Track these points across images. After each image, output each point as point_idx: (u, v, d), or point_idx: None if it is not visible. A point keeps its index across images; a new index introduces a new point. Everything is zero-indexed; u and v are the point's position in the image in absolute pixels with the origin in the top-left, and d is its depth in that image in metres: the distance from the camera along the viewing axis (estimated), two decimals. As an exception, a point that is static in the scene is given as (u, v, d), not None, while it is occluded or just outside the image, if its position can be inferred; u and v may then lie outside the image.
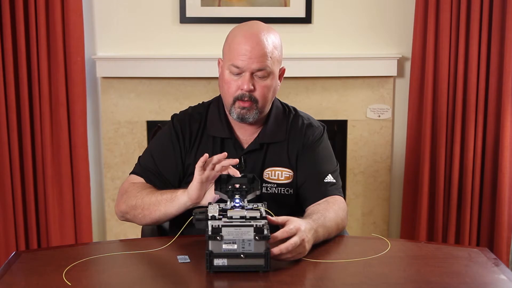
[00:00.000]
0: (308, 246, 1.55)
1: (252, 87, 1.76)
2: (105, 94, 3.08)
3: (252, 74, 1.76)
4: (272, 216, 1.54)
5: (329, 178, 1.85)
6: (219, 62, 1.87)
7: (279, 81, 1.86)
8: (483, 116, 2.98)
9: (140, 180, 1.86)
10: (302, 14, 3.05)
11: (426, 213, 3.07)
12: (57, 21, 2.90)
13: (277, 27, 3.02)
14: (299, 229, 1.52)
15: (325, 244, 1.67)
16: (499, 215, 2.97)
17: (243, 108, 1.77)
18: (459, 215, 3.06)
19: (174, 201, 1.70)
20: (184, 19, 3.04)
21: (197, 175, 1.62)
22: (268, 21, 2.99)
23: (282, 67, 1.87)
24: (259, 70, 1.76)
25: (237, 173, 1.59)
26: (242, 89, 1.76)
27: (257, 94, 1.77)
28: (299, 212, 1.93)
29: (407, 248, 1.74)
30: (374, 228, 3.22)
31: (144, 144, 3.06)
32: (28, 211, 3.02)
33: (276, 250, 1.47)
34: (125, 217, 1.83)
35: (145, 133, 3.10)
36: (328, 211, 1.72)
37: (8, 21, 2.86)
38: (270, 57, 1.77)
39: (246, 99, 1.77)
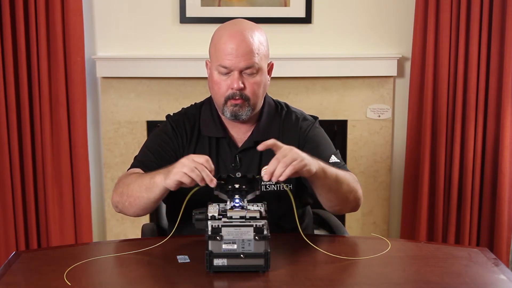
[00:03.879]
0: (297, 151, 1.56)
1: (242, 85, 1.75)
2: (105, 94, 3.08)
3: (240, 72, 1.75)
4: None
5: (333, 159, 1.84)
6: (206, 64, 1.86)
7: (268, 76, 1.85)
8: (483, 116, 2.98)
9: (137, 172, 1.81)
10: (302, 14, 3.06)
11: (426, 213, 3.07)
12: (57, 21, 2.90)
13: (277, 27, 3.06)
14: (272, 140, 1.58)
15: (325, 243, 1.67)
16: (499, 215, 2.97)
17: (236, 105, 1.77)
18: (459, 215, 3.06)
19: (154, 188, 1.63)
20: (184, 19, 3.05)
21: (184, 178, 1.54)
22: (268, 21, 3.05)
23: (270, 62, 1.86)
24: (247, 67, 1.75)
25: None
26: (232, 88, 1.76)
27: (248, 91, 1.77)
28: (299, 207, 1.93)
29: (407, 248, 1.73)
30: (374, 228, 3.22)
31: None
32: (28, 211, 3.02)
33: (265, 176, 1.52)
34: (118, 208, 1.76)
35: (145, 133, 3.10)
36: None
37: (8, 21, 2.86)
38: (257, 53, 1.76)
39: (237, 97, 1.76)
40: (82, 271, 1.50)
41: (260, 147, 1.58)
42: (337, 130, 3.16)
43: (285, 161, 1.52)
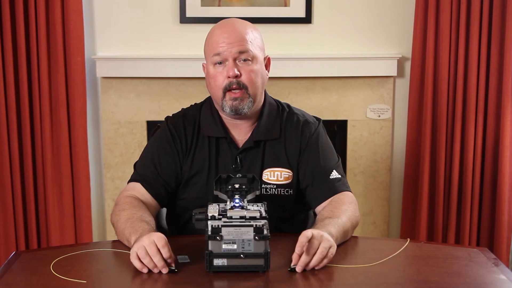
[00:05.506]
0: (327, 237, 1.52)
1: (238, 73, 1.73)
2: (105, 94, 3.08)
3: (235, 60, 1.74)
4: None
5: (334, 174, 1.83)
6: (203, 67, 1.85)
7: (266, 71, 1.83)
8: (483, 116, 2.98)
9: (137, 187, 1.81)
10: (302, 14, 3.06)
11: (426, 213, 3.06)
12: (57, 21, 2.90)
13: (277, 27, 3.06)
14: (304, 233, 1.50)
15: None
16: (499, 215, 2.97)
17: (235, 99, 1.74)
18: (459, 215, 3.06)
19: (129, 244, 1.60)
20: (184, 19, 3.05)
21: (136, 262, 1.49)
22: (268, 21, 3.05)
23: (267, 56, 1.84)
24: (241, 52, 1.73)
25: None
26: (229, 77, 1.73)
27: (245, 79, 1.74)
28: (299, 212, 1.92)
29: (407, 248, 1.73)
30: (374, 228, 3.22)
31: (144, 144, 3.05)
32: (28, 211, 3.02)
33: (298, 268, 1.47)
34: None
35: (145, 133, 3.10)
36: (336, 213, 1.70)
37: (8, 21, 2.86)
38: (250, 42, 1.75)
39: (234, 86, 1.73)
40: (83, 271, 1.50)
41: (300, 247, 1.47)
42: (337, 130, 3.16)
43: (322, 252, 1.49)
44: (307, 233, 1.49)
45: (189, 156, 1.82)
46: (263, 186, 1.80)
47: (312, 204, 1.84)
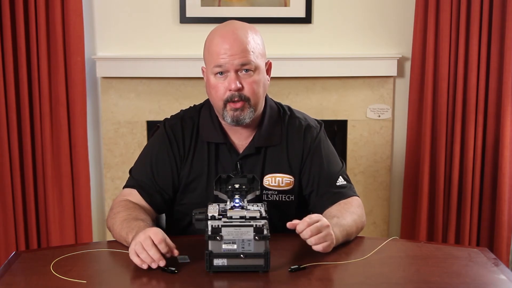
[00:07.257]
0: (333, 235, 1.56)
1: (240, 85, 1.69)
2: (105, 94, 3.08)
3: (237, 72, 1.69)
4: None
5: (341, 181, 1.81)
6: (203, 71, 1.80)
7: (267, 76, 1.79)
8: (483, 116, 2.98)
9: (133, 194, 1.79)
10: (302, 14, 3.06)
11: (426, 213, 3.06)
12: (57, 21, 2.90)
13: (277, 27, 3.07)
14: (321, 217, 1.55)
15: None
16: (499, 215, 2.97)
17: (236, 110, 1.70)
18: (459, 215, 3.06)
19: (127, 244, 1.59)
20: (184, 19, 3.05)
21: (135, 259, 1.49)
22: (268, 21, 3.05)
23: (268, 61, 1.80)
24: (243, 65, 1.69)
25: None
26: (230, 89, 1.69)
27: (247, 91, 1.70)
28: (300, 218, 1.91)
29: (407, 248, 1.74)
30: (374, 228, 3.22)
31: (144, 144, 3.04)
32: (28, 211, 3.02)
33: (300, 226, 1.52)
34: None
35: (145, 133, 3.10)
36: (343, 214, 1.70)
37: (8, 21, 2.86)
38: (252, 51, 1.70)
39: (236, 99, 1.69)
40: (83, 271, 1.50)
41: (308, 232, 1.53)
42: (337, 130, 3.16)
43: (320, 238, 1.53)
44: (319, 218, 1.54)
45: (188, 161, 1.79)
46: (264, 192, 1.78)
47: (318, 211, 1.79)
